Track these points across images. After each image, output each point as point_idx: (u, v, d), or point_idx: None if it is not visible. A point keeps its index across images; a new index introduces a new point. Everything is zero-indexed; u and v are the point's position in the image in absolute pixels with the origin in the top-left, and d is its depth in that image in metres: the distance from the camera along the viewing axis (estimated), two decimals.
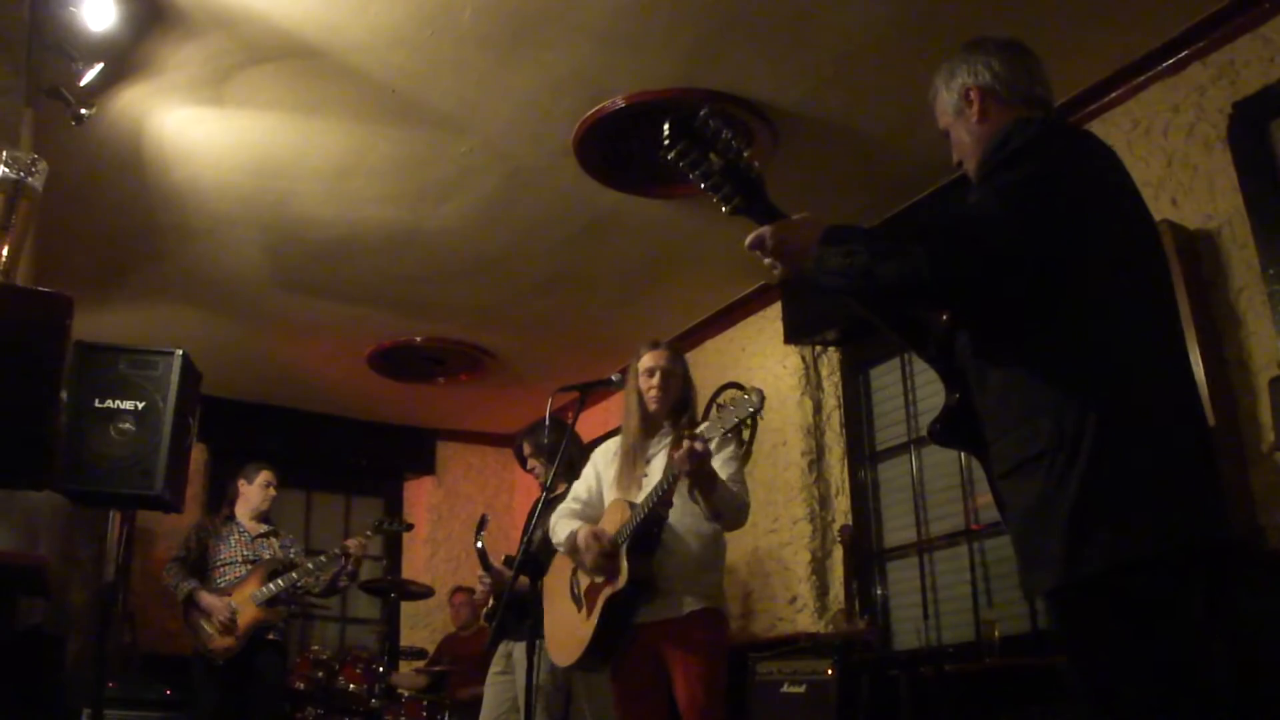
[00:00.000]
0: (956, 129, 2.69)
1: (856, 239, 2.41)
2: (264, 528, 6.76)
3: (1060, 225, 2.31)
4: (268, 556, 6.57)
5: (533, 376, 8.39)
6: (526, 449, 5.70)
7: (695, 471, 3.79)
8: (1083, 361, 2.29)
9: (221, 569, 6.48)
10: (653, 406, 4.28)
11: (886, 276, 2.33)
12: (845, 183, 5.52)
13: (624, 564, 4.03)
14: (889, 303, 2.60)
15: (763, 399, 3.69)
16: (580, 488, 4.52)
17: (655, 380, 4.26)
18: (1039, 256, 2.30)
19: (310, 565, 6.51)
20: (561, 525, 4.36)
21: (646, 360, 4.33)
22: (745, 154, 2.60)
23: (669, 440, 4.18)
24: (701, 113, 2.57)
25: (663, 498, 3.99)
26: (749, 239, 2.55)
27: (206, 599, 6.29)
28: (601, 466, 4.47)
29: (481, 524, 5.46)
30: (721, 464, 4.02)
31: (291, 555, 6.68)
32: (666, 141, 2.55)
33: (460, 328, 7.62)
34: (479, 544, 5.37)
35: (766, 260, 2.55)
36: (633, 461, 4.28)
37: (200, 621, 6.27)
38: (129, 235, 6.14)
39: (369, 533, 6.90)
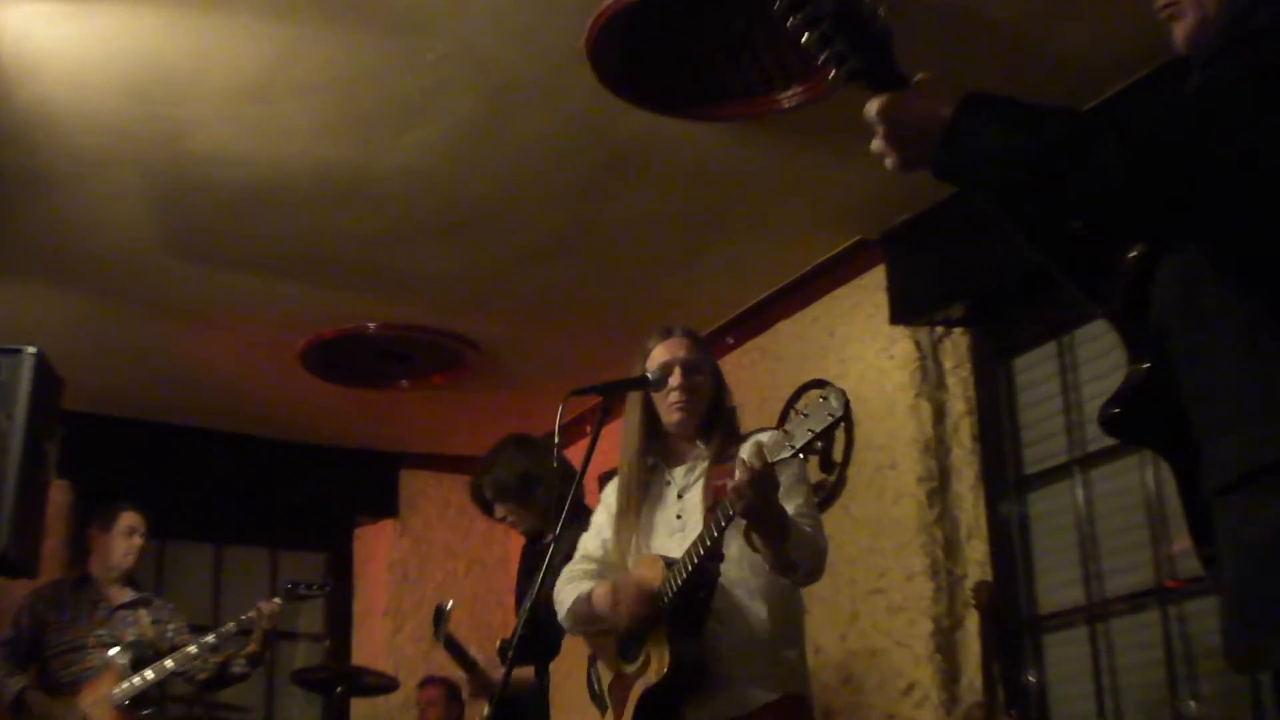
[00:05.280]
0: None
1: (1013, 113, 2.38)
2: (129, 594, 6.75)
3: None
4: (132, 637, 6.56)
5: (533, 376, 8.45)
6: (489, 492, 5.67)
7: (757, 507, 3.77)
8: None
9: (67, 656, 6.47)
10: (674, 416, 4.32)
11: (1057, 172, 2.29)
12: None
13: (665, 645, 4.02)
14: (1055, 213, 2.52)
15: (846, 402, 3.68)
16: (591, 541, 4.53)
17: (679, 379, 4.23)
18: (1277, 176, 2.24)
19: (194, 649, 6.47)
20: (567, 592, 4.41)
21: (659, 355, 4.38)
22: None
23: (704, 468, 4.23)
24: None
25: (711, 549, 3.99)
26: (866, 109, 2.55)
27: (40, 704, 6.28)
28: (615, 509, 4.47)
29: (439, 616, 5.43)
30: (785, 491, 4.00)
31: (169, 633, 6.66)
32: None
33: (430, 310, 7.67)
34: (441, 640, 5.36)
35: (877, 146, 2.55)
36: (634, 503, 4.35)
37: None
38: None
39: (277, 600, 6.87)
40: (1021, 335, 6.40)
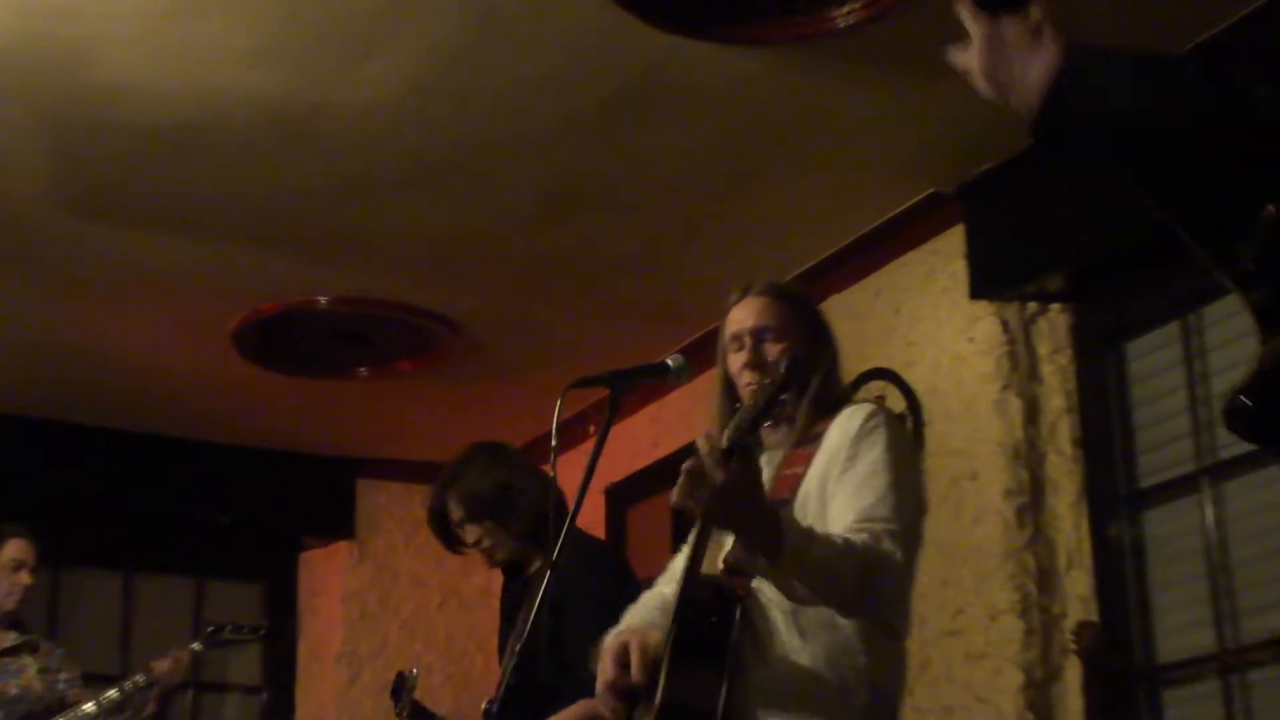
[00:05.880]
0: None
1: (1136, 66, 2.39)
2: (12, 638, 6.76)
3: None
4: (15, 691, 6.57)
5: (524, 363, 8.52)
6: (456, 510, 5.64)
7: (712, 514, 3.71)
8: None
9: None
10: (751, 401, 4.20)
11: (1195, 110, 2.30)
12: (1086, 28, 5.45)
13: (660, 682, 3.97)
14: (1202, 164, 2.51)
15: (790, 364, 3.68)
16: (677, 560, 4.49)
17: (747, 355, 4.21)
18: None
19: (91, 707, 6.48)
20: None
21: (730, 322, 4.31)
22: None
23: (784, 449, 4.17)
24: None
25: (699, 560, 3.94)
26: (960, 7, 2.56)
27: None
28: None
29: (401, 686, 5.42)
30: (859, 485, 3.96)
31: (61, 685, 6.67)
32: None
33: (396, 281, 7.71)
34: (404, 714, 5.36)
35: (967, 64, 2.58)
36: None
37: None
38: None
39: (197, 646, 6.87)
40: (1136, 313, 6.37)
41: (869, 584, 3.81)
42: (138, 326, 8.02)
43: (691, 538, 3.96)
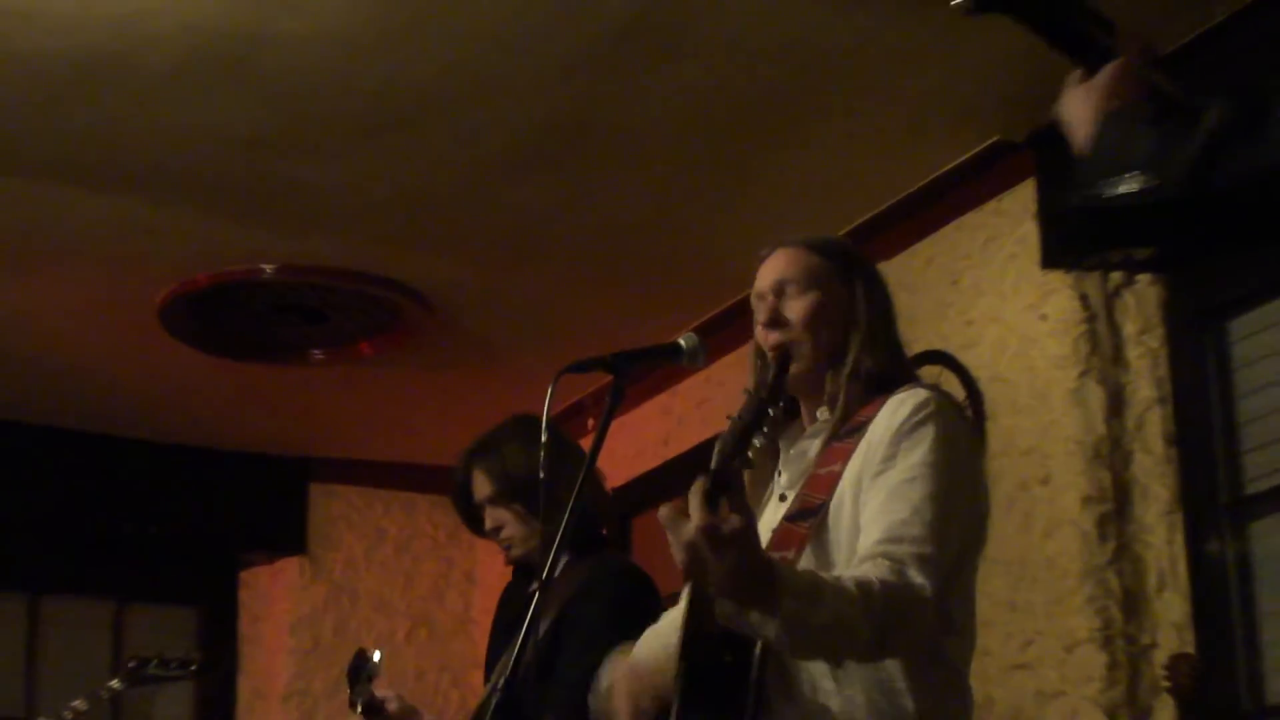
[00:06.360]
0: None
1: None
2: None
3: None
4: None
5: (507, 344, 8.56)
6: (483, 486, 5.64)
7: (689, 575, 3.69)
8: None
9: None
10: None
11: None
12: None
13: None
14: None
15: (781, 360, 3.75)
16: None
17: (766, 312, 4.22)
18: None
19: None
20: (611, 665, 4.36)
21: (759, 277, 4.31)
22: None
23: (814, 449, 4.15)
24: None
25: (699, 596, 3.90)
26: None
27: None
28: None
29: (360, 669, 5.42)
30: (888, 497, 3.91)
31: None
32: None
33: (354, 246, 7.72)
34: (360, 703, 5.35)
35: None
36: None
37: None
38: None
39: (116, 684, 6.90)
40: (1240, 285, 6.34)
41: (888, 636, 3.73)
42: (43, 301, 8.04)
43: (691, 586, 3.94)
